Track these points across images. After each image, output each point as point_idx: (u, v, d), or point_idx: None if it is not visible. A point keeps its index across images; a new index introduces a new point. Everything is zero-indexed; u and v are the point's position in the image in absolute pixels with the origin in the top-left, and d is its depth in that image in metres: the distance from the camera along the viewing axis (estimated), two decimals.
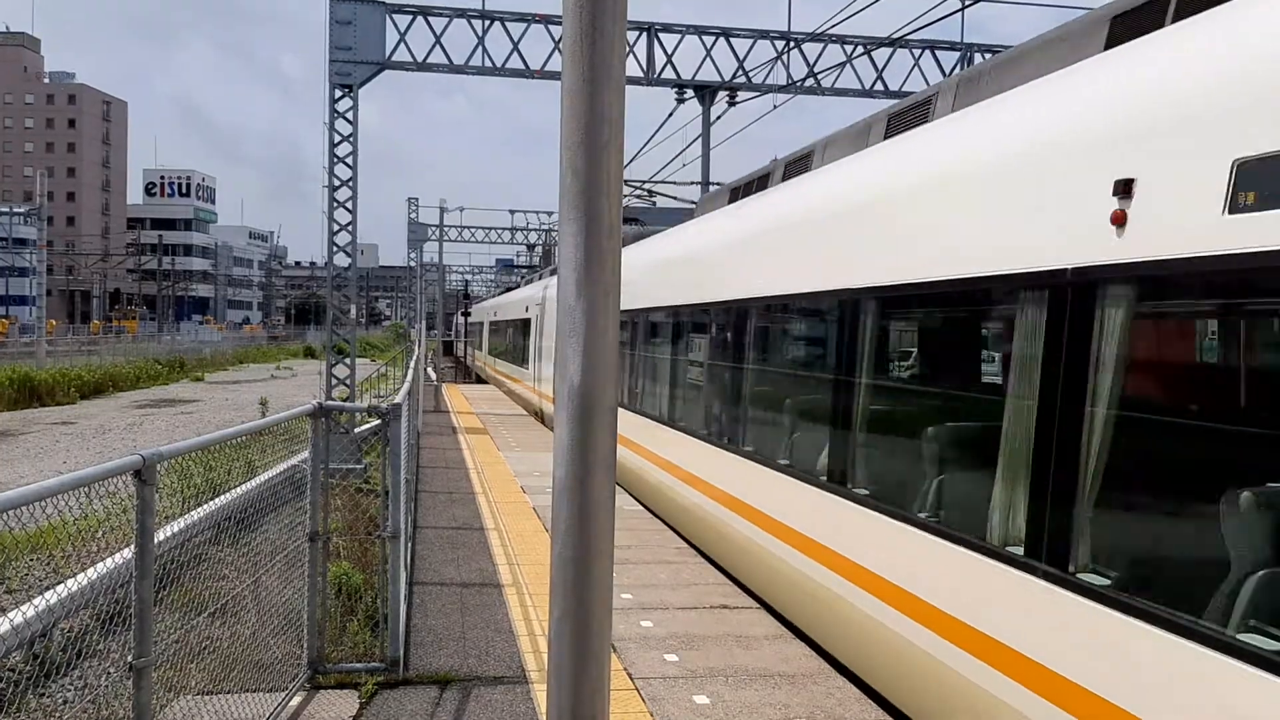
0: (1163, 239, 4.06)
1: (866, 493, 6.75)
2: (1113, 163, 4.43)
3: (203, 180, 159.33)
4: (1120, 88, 4.65)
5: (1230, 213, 3.73)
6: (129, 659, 4.21)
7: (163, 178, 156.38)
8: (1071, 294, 4.61)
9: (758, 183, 11.18)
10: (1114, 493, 4.46)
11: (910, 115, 7.68)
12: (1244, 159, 3.70)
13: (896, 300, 6.54)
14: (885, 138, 7.92)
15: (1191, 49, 4.31)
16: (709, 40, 21.35)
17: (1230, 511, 3.76)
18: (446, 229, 50.93)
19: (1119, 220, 4.29)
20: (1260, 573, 3.62)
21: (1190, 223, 3.92)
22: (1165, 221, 4.07)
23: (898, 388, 7.02)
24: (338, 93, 18.75)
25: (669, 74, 21.38)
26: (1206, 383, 4.53)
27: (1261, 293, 3.81)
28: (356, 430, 17.20)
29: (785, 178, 10.09)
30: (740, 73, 21.45)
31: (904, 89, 21.91)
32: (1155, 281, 4.22)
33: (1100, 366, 4.45)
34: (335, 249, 18.99)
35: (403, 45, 19.53)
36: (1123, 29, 5.34)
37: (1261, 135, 3.64)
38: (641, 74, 21.00)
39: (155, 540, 4.30)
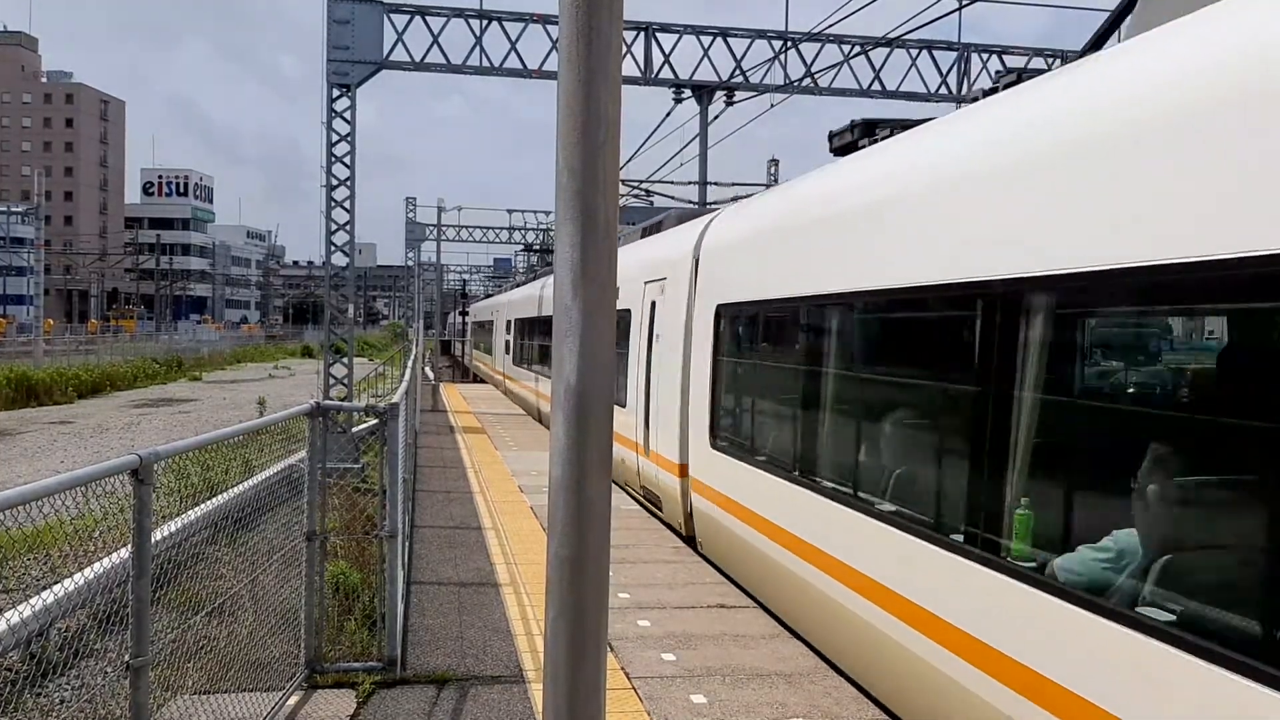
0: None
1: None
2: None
3: (200, 180, 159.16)
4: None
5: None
6: (126, 658, 4.21)
7: (160, 177, 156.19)
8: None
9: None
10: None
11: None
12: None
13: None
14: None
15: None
16: (706, 40, 21.34)
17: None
18: (444, 228, 50.91)
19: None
20: None
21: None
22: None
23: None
24: (335, 92, 18.75)
25: (666, 73, 21.37)
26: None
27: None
28: (354, 429, 17.20)
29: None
30: (738, 72, 21.44)
31: (901, 88, 21.93)
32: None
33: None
34: (333, 248, 19.00)
35: (400, 45, 19.52)
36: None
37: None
38: (639, 73, 21.01)
39: (153, 540, 4.30)
